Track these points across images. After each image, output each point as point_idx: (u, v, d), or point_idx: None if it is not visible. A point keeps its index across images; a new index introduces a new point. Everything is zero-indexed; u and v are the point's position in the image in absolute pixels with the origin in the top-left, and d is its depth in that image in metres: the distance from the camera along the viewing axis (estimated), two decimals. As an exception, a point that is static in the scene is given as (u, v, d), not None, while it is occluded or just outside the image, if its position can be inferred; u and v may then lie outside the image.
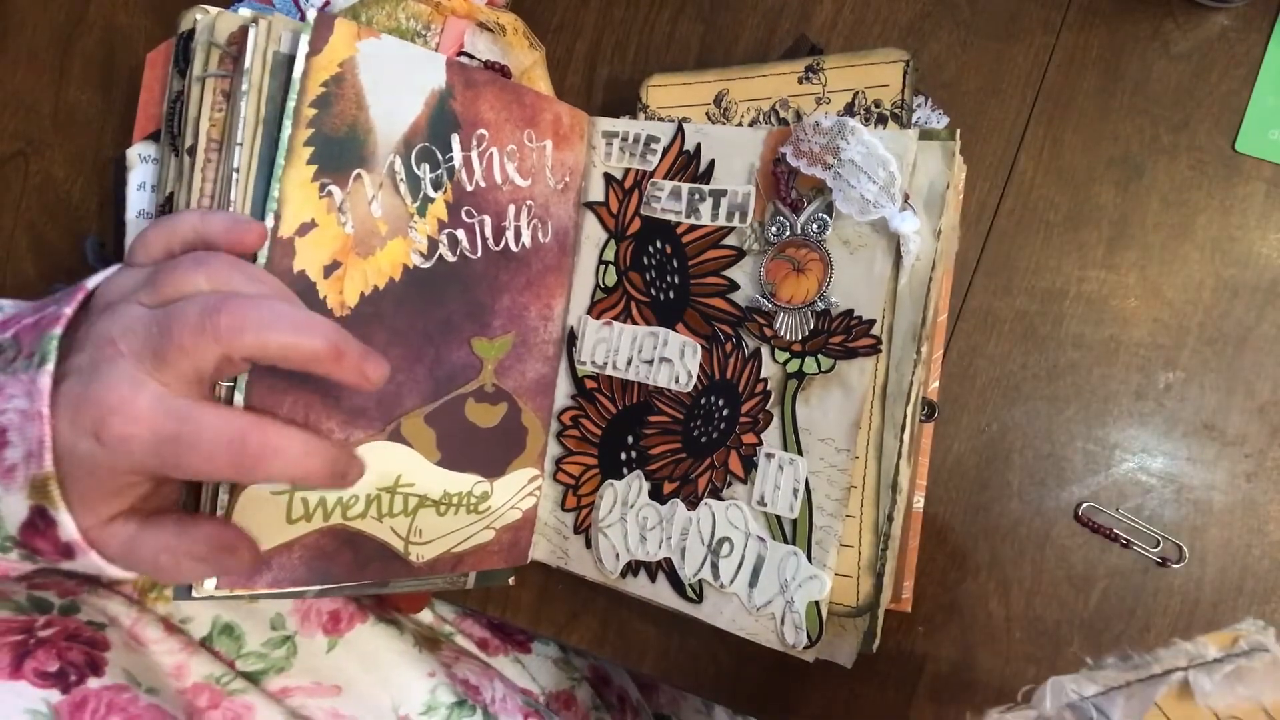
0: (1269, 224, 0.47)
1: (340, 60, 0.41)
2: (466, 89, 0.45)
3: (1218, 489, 0.47)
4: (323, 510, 0.42)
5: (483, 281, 0.47)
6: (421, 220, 0.44)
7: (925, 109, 0.50)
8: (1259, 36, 0.47)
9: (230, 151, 0.40)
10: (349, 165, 0.41)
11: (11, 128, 0.59)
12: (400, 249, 0.43)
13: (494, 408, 0.48)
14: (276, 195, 0.39)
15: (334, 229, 0.41)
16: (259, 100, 0.40)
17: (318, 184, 0.40)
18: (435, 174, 0.44)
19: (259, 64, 0.40)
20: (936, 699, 0.48)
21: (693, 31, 0.54)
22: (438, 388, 0.46)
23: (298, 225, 0.40)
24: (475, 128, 0.46)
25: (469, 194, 0.46)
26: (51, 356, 0.33)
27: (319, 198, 0.40)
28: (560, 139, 0.50)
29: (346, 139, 0.41)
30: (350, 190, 0.41)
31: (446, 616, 0.59)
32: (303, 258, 0.40)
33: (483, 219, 0.47)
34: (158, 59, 0.51)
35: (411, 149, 0.43)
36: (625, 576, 0.48)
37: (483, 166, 0.46)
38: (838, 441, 0.43)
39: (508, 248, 0.48)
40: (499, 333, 0.48)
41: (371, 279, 0.42)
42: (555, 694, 0.60)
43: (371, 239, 0.42)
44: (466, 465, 0.47)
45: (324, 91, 0.40)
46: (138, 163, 0.50)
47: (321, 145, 0.40)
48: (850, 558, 0.43)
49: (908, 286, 0.43)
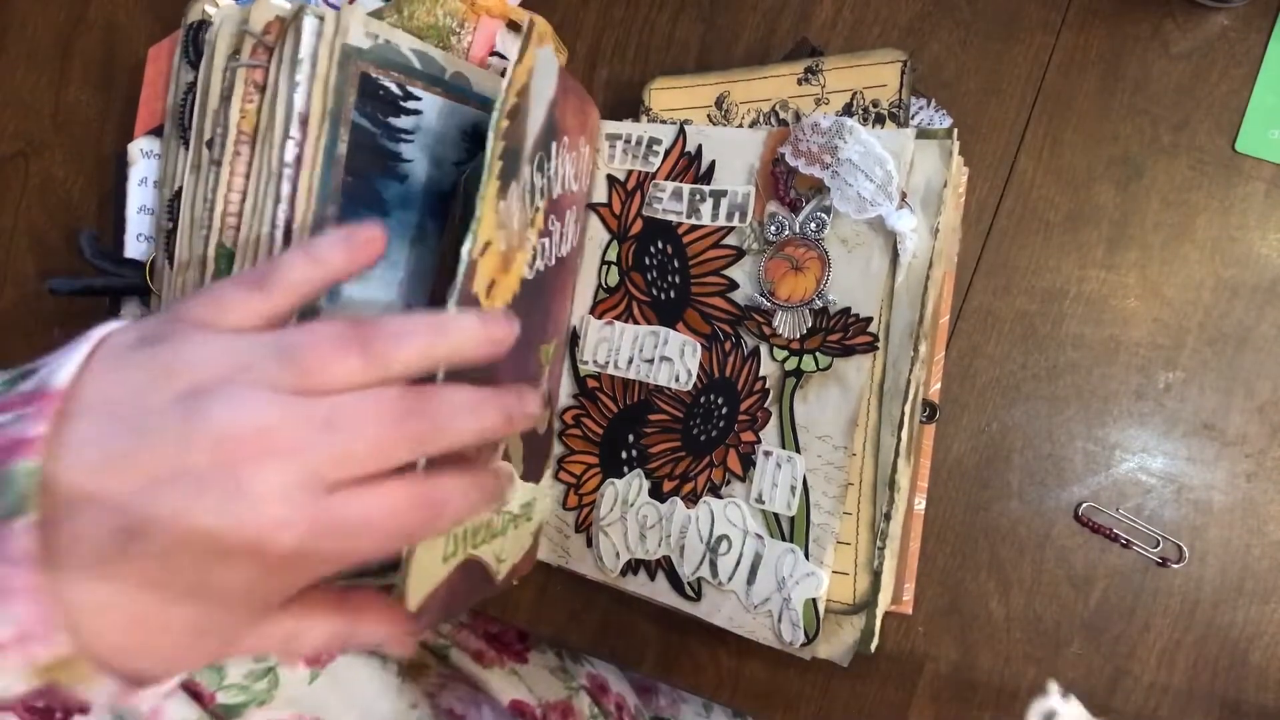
0: (1269, 224, 0.47)
1: (530, 69, 0.38)
2: (563, 95, 0.43)
3: (1218, 489, 0.46)
4: (463, 542, 0.39)
5: (548, 288, 0.46)
6: (532, 230, 0.42)
7: (928, 109, 0.50)
8: (1259, 36, 0.47)
9: (278, 145, 0.38)
10: (511, 178, 0.39)
11: (11, 128, 0.59)
12: (522, 260, 0.41)
13: (544, 413, 0.48)
14: (478, 215, 0.36)
15: (497, 246, 0.38)
16: (324, 92, 0.38)
17: (499, 201, 0.38)
18: (543, 182, 0.42)
19: (325, 55, 0.38)
20: (936, 699, 0.48)
21: (693, 32, 0.54)
22: None
23: (483, 245, 0.36)
24: (563, 135, 0.44)
25: (554, 201, 0.44)
26: (33, 503, 0.25)
27: (495, 214, 0.38)
28: (591, 141, 0.49)
29: (515, 151, 0.39)
30: (508, 204, 0.39)
31: (442, 629, 0.59)
32: (479, 279, 0.37)
33: (557, 226, 0.45)
34: (160, 54, 0.51)
35: (535, 157, 0.41)
36: (625, 575, 0.48)
37: (562, 173, 0.45)
38: (835, 439, 0.43)
39: (560, 253, 0.47)
40: (552, 337, 0.47)
41: (505, 294, 0.40)
42: (553, 704, 0.59)
43: (512, 252, 0.40)
44: (530, 475, 0.47)
45: (517, 103, 0.38)
46: (139, 158, 0.50)
47: (507, 160, 0.38)
48: (847, 555, 0.43)
49: (905, 284, 0.43)
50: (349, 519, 0.28)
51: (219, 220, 0.39)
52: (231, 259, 0.39)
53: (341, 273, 0.33)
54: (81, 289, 0.49)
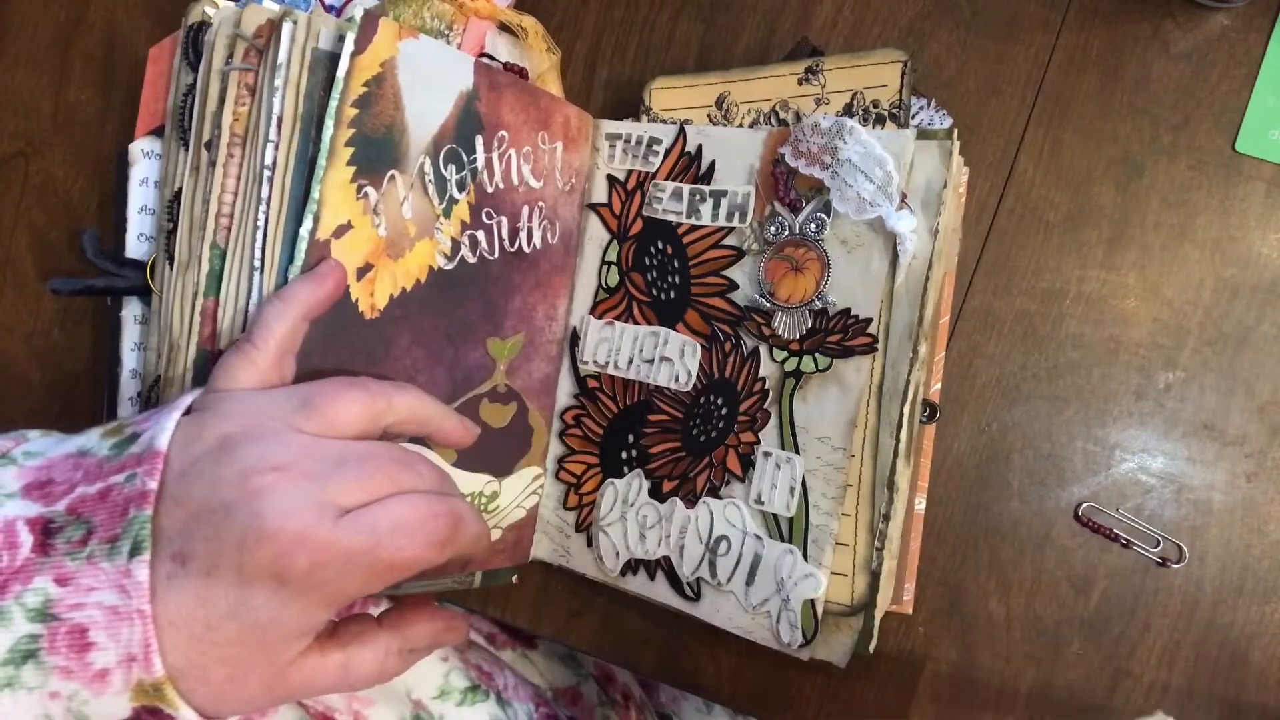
0: (1269, 224, 0.47)
1: (382, 60, 0.40)
2: (490, 91, 0.45)
3: (1218, 489, 0.46)
4: None
5: (498, 282, 0.47)
6: (446, 221, 0.44)
7: (929, 110, 0.50)
8: (1259, 36, 0.47)
9: (260, 148, 0.39)
10: (384, 166, 0.41)
11: (11, 128, 0.59)
12: (427, 250, 0.43)
13: (505, 407, 0.48)
14: (317, 197, 0.38)
15: (368, 231, 0.40)
16: (296, 97, 0.39)
17: (355, 185, 0.40)
18: (460, 175, 0.44)
19: (297, 59, 0.39)
20: (936, 699, 0.48)
21: (693, 32, 0.54)
22: (455, 389, 0.46)
23: (335, 227, 0.39)
24: (497, 129, 0.46)
25: (489, 195, 0.46)
26: (148, 544, 0.29)
27: (356, 199, 0.40)
28: (569, 141, 0.50)
29: (384, 140, 0.41)
30: (384, 192, 0.41)
31: None
32: (345, 261, 0.39)
33: (500, 220, 0.46)
34: (160, 54, 0.51)
35: (440, 150, 0.43)
36: (625, 575, 0.48)
37: (502, 168, 0.46)
38: (834, 440, 0.43)
39: (520, 249, 0.48)
40: (510, 333, 0.48)
41: (400, 281, 0.42)
42: (562, 690, 0.60)
43: (402, 241, 0.42)
44: (480, 465, 0.47)
45: (366, 91, 0.39)
46: (140, 158, 0.50)
47: (361, 146, 0.40)
48: (846, 556, 0.43)
49: (904, 285, 0.43)
50: (360, 532, 0.30)
51: (213, 220, 0.40)
52: (224, 258, 0.40)
53: (314, 306, 0.37)
54: (82, 289, 0.49)
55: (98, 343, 0.56)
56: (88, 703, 0.29)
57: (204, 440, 0.32)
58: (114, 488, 0.30)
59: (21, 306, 0.58)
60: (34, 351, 0.58)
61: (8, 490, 0.31)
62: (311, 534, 0.30)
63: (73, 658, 0.29)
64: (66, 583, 0.29)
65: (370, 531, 0.31)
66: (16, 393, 0.58)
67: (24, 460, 0.32)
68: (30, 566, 0.29)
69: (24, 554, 0.29)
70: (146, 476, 0.30)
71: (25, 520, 0.30)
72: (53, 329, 0.58)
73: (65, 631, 0.29)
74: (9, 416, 0.58)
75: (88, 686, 0.29)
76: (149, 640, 0.29)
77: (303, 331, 0.37)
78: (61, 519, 0.30)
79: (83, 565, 0.29)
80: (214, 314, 0.40)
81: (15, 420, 0.57)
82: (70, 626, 0.29)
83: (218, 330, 0.39)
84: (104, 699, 0.29)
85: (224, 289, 0.39)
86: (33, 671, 0.29)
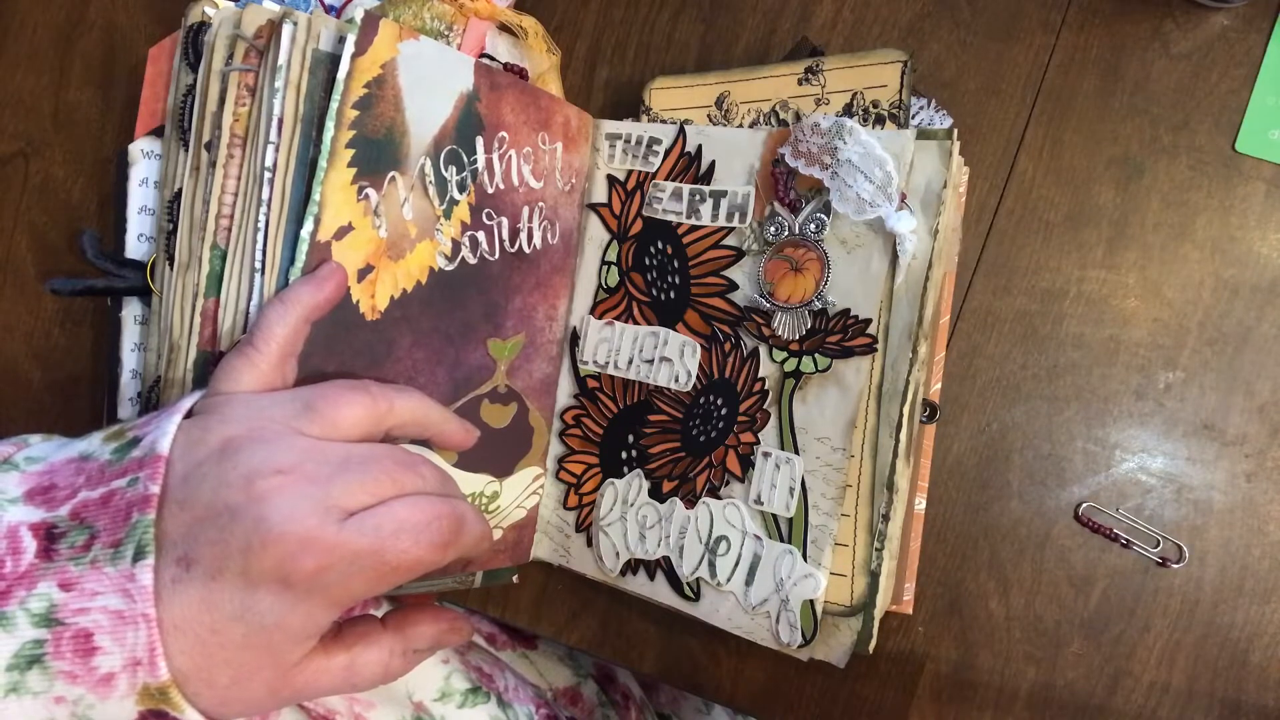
0: (1269, 224, 0.47)
1: (383, 61, 0.40)
2: (491, 91, 0.45)
3: (1218, 489, 0.46)
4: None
5: (498, 283, 0.47)
6: (447, 222, 0.44)
7: (929, 110, 0.50)
8: (1259, 36, 0.47)
9: (261, 149, 0.39)
10: (385, 167, 0.41)
11: (11, 128, 0.59)
12: (427, 251, 0.43)
13: (505, 408, 0.49)
14: (318, 199, 0.38)
15: (369, 232, 0.41)
16: (296, 98, 0.39)
17: (356, 186, 0.40)
18: (461, 176, 0.44)
19: (298, 60, 0.39)
20: (936, 699, 0.48)
21: (693, 32, 0.54)
22: (456, 389, 0.46)
23: (336, 229, 0.39)
24: (497, 130, 0.46)
25: (489, 196, 0.46)
26: (151, 548, 0.29)
27: (356, 201, 0.40)
28: (569, 141, 0.50)
29: (384, 141, 0.41)
30: (385, 193, 0.41)
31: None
32: (345, 263, 0.40)
33: (500, 221, 0.47)
34: (160, 54, 0.51)
35: (440, 151, 0.43)
36: (625, 575, 0.48)
37: (502, 169, 0.46)
38: (833, 440, 0.43)
39: (521, 249, 0.48)
40: (511, 334, 0.48)
41: (401, 282, 0.42)
42: (562, 690, 0.61)
43: (402, 242, 0.42)
44: (480, 465, 0.47)
45: (366, 93, 0.40)
46: (140, 158, 0.50)
47: (362, 147, 0.40)
48: (845, 557, 0.43)
49: (904, 285, 0.43)
50: (364, 534, 0.31)
51: (213, 221, 0.40)
52: (224, 259, 0.40)
53: (316, 308, 0.37)
54: (82, 290, 0.49)
55: (98, 343, 0.56)
56: (93, 707, 0.29)
57: (207, 444, 0.32)
58: (116, 492, 0.30)
59: (21, 306, 0.58)
60: (34, 352, 0.58)
61: (10, 496, 0.31)
62: (317, 537, 0.30)
63: (78, 662, 0.29)
64: (70, 588, 0.29)
65: (375, 533, 0.31)
66: (16, 393, 0.58)
67: (26, 465, 0.33)
68: (34, 572, 0.29)
69: (28, 559, 0.29)
70: (149, 480, 0.30)
71: (28, 526, 0.30)
72: (53, 329, 0.58)
73: (70, 636, 0.29)
74: (9, 417, 0.58)
75: (93, 691, 0.29)
76: (154, 644, 0.29)
77: (304, 334, 0.37)
78: (64, 524, 0.30)
79: (86, 570, 0.29)
80: (214, 315, 0.40)
81: (15, 420, 0.57)
82: (75, 631, 0.29)
83: (218, 332, 0.39)
84: (109, 703, 0.29)
85: (224, 290, 0.40)
86: (38, 676, 0.29)
